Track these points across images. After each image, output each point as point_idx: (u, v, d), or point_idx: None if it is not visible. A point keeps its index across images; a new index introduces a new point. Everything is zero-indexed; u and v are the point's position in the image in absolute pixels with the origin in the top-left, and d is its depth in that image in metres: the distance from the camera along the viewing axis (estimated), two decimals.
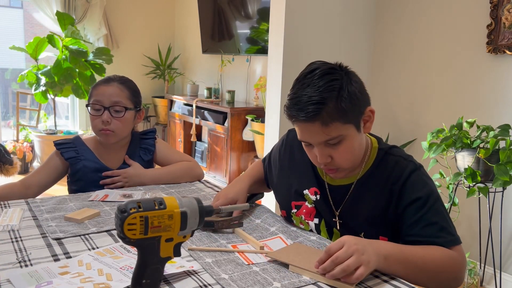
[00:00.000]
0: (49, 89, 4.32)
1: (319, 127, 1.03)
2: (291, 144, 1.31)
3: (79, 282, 0.86)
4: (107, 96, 1.55)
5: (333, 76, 1.05)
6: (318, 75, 1.05)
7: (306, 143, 1.11)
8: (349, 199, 1.16)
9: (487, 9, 2.46)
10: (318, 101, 1.01)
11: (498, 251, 2.40)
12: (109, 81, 1.59)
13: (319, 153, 1.08)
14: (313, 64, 1.11)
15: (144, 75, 5.38)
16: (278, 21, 2.74)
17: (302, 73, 1.09)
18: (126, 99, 1.57)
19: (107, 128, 1.54)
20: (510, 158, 2.03)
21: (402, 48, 2.97)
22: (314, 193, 1.21)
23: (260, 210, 1.33)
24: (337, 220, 1.18)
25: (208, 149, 4.24)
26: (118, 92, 1.56)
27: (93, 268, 0.92)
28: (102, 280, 0.87)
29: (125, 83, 1.61)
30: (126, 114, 1.56)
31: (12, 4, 5.87)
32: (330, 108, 1.02)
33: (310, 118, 1.02)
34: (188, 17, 5.26)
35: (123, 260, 0.97)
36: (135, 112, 1.63)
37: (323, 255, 0.92)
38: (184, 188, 1.57)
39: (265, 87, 3.33)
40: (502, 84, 2.43)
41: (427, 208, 1.05)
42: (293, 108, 1.04)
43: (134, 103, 1.61)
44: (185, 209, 0.73)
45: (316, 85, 1.03)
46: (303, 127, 1.06)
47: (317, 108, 1.01)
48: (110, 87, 1.56)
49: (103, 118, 1.53)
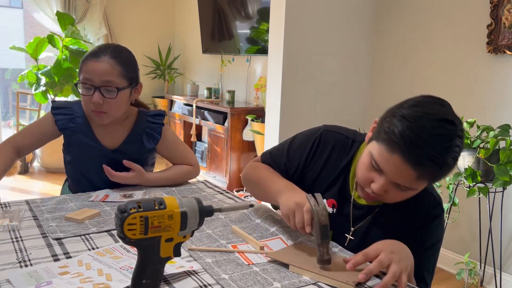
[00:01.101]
0: (49, 89, 4.31)
1: (413, 176, 0.97)
2: (324, 146, 1.22)
3: (78, 282, 0.86)
4: (97, 74, 1.37)
5: (459, 141, 0.96)
6: (449, 135, 0.94)
7: (377, 168, 1.02)
8: (369, 220, 1.15)
9: (487, 9, 2.46)
10: (439, 163, 0.94)
11: (498, 251, 2.40)
12: (99, 55, 1.38)
13: (382, 187, 1.02)
14: (438, 106, 0.98)
15: (144, 75, 5.39)
16: (278, 21, 2.74)
17: (426, 112, 0.95)
18: (118, 77, 1.39)
19: (100, 110, 1.40)
20: (510, 158, 2.03)
21: (402, 48, 2.97)
22: (332, 205, 1.18)
23: (260, 210, 1.33)
24: (349, 236, 1.16)
25: (208, 149, 4.24)
26: (109, 69, 1.37)
27: (92, 268, 0.92)
28: (101, 280, 0.87)
29: (117, 56, 1.40)
30: (119, 94, 1.40)
31: (12, 4, 5.87)
32: (440, 172, 0.97)
33: (416, 167, 0.95)
34: (188, 17, 5.26)
35: (123, 260, 0.97)
36: (131, 89, 1.46)
37: (360, 258, 0.91)
38: (184, 187, 1.57)
39: (265, 87, 3.33)
40: (502, 84, 2.43)
41: (429, 253, 1.11)
42: (414, 147, 0.93)
43: (129, 79, 1.43)
44: (185, 209, 0.73)
45: (444, 145, 0.94)
46: (399, 164, 0.96)
47: (433, 168, 0.95)
48: (100, 63, 1.37)
49: (94, 99, 1.37)
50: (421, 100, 0.99)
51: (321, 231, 0.95)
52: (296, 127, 2.88)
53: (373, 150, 1.02)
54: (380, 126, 1.02)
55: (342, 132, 1.24)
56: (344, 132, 1.24)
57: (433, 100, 1.00)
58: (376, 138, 1.03)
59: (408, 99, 1.02)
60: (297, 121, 2.83)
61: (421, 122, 0.94)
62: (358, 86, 3.14)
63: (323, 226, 0.95)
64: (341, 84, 3.03)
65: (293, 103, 2.82)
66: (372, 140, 1.05)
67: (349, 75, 3.07)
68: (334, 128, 1.25)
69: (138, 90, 1.50)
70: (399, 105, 1.01)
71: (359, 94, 3.15)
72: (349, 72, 3.06)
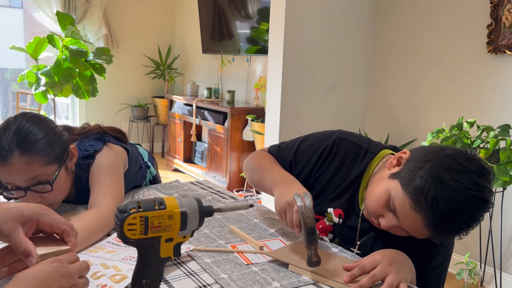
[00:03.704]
0: (49, 89, 4.31)
1: (426, 235, 0.96)
2: (336, 154, 1.17)
3: (92, 279, 0.85)
4: (16, 177, 1.08)
5: (484, 215, 0.94)
6: (479, 215, 0.92)
7: (393, 210, 0.98)
8: (375, 234, 1.12)
9: (487, 9, 2.46)
10: (458, 235, 0.94)
11: (498, 251, 2.40)
12: (6, 157, 1.06)
13: (391, 226, 1.01)
14: (478, 178, 0.91)
15: (144, 75, 5.39)
16: (278, 21, 2.75)
17: (465, 186, 0.90)
18: (42, 168, 1.09)
19: (45, 204, 1.03)
20: (510, 158, 2.03)
21: (402, 48, 2.97)
22: (338, 215, 1.15)
23: (259, 211, 1.33)
24: (355, 250, 1.14)
25: (208, 149, 4.24)
26: (26, 168, 1.07)
27: (95, 263, 0.92)
28: (112, 272, 0.87)
29: (27, 148, 1.07)
30: (55, 183, 1.13)
31: (12, 4, 5.87)
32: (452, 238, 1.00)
33: (434, 232, 0.94)
34: (188, 17, 5.26)
35: (119, 253, 0.97)
36: (65, 164, 1.17)
37: (356, 271, 0.90)
38: (183, 188, 1.57)
39: (265, 87, 3.33)
40: (502, 84, 2.43)
41: (437, 272, 1.09)
42: (440, 219, 0.90)
43: (56, 160, 1.13)
44: (185, 209, 0.73)
45: (470, 222, 0.92)
46: (418, 224, 0.94)
47: (449, 238, 0.98)
48: (12, 166, 1.06)
49: (31, 201, 1.10)
50: (464, 165, 0.91)
51: (307, 234, 0.93)
52: (296, 127, 2.89)
53: (394, 194, 0.97)
54: (411, 173, 0.95)
55: (356, 141, 1.19)
56: (358, 141, 1.19)
57: (475, 168, 0.91)
58: (402, 183, 0.96)
59: (451, 154, 0.94)
60: (297, 121, 2.84)
61: (456, 196, 0.89)
62: (358, 86, 3.14)
63: (309, 228, 0.93)
64: (341, 84, 3.03)
65: (293, 103, 2.82)
66: (396, 179, 0.98)
67: (349, 75, 3.07)
68: (348, 136, 1.20)
69: (72, 155, 1.21)
70: (439, 159, 0.93)
71: (359, 94, 3.15)
72: (349, 72, 3.06)
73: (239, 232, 1.15)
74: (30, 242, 0.77)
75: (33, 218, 0.80)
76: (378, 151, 1.16)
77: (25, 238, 0.77)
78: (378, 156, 1.14)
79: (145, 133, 5.55)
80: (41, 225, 0.81)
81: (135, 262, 0.73)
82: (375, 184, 1.05)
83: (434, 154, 0.95)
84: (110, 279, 0.85)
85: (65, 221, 0.83)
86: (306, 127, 2.86)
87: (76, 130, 1.37)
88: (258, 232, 1.18)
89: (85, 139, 1.31)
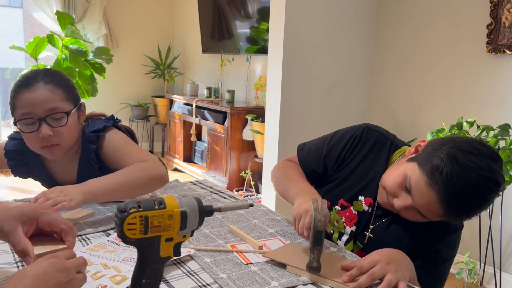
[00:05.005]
0: None
1: (439, 214, 1.01)
2: (365, 142, 1.23)
3: (92, 280, 0.85)
4: (37, 104, 1.19)
5: (494, 198, 1.00)
6: (490, 196, 0.98)
7: (408, 190, 1.04)
8: (389, 220, 1.15)
9: (487, 9, 2.46)
10: (469, 215, 1.00)
11: (498, 251, 2.40)
12: (32, 84, 1.21)
13: (405, 207, 1.05)
14: (492, 162, 0.97)
15: (144, 74, 5.38)
16: (278, 21, 2.74)
17: (479, 166, 0.96)
18: (62, 101, 1.23)
19: (51, 143, 1.22)
20: (510, 158, 2.03)
21: (402, 48, 2.97)
22: (369, 204, 1.18)
23: (259, 212, 1.33)
24: (368, 234, 1.17)
25: (208, 149, 4.24)
26: (50, 96, 1.21)
27: (95, 263, 0.92)
28: (112, 273, 0.88)
29: (52, 80, 1.24)
30: (69, 120, 1.24)
31: (12, 4, 5.87)
32: (462, 219, 1.05)
33: (446, 210, 0.99)
34: (188, 17, 5.26)
35: (120, 253, 0.98)
36: (78, 112, 1.30)
37: (354, 272, 0.91)
38: (183, 187, 1.57)
39: (265, 86, 3.33)
40: (502, 84, 2.43)
41: (446, 265, 1.13)
42: (454, 195, 0.96)
43: (73, 101, 1.27)
44: (185, 208, 0.73)
45: (482, 202, 0.98)
46: (432, 200, 0.99)
47: (460, 217, 1.02)
48: (37, 91, 1.20)
49: (42, 133, 1.19)
50: (479, 149, 0.98)
51: (314, 237, 0.93)
52: (296, 126, 2.89)
53: (411, 174, 1.03)
54: (429, 154, 1.01)
55: (383, 132, 1.25)
56: (384, 132, 1.26)
57: (490, 153, 0.98)
58: (419, 163, 1.02)
59: (467, 139, 1.01)
60: (297, 121, 2.83)
61: (470, 174, 0.95)
62: (358, 86, 3.14)
63: (316, 231, 0.93)
64: (341, 84, 3.03)
65: (293, 102, 2.82)
66: (414, 162, 1.04)
67: (349, 75, 3.07)
68: (376, 127, 1.26)
69: (83, 112, 1.34)
70: (456, 143, 1.00)
71: (359, 94, 3.15)
72: (349, 72, 3.06)
73: (238, 231, 1.15)
74: (29, 242, 0.78)
75: (33, 217, 0.82)
76: (400, 146, 1.22)
77: (24, 237, 0.79)
78: (400, 150, 1.20)
79: (145, 133, 5.55)
80: (40, 223, 0.83)
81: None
82: (394, 168, 1.11)
83: (452, 140, 1.02)
84: (110, 280, 0.85)
85: (65, 220, 0.84)
86: (306, 127, 2.86)
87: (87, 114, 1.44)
88: (257, 232, 1.18)
89: (96, 120, 1.39)
